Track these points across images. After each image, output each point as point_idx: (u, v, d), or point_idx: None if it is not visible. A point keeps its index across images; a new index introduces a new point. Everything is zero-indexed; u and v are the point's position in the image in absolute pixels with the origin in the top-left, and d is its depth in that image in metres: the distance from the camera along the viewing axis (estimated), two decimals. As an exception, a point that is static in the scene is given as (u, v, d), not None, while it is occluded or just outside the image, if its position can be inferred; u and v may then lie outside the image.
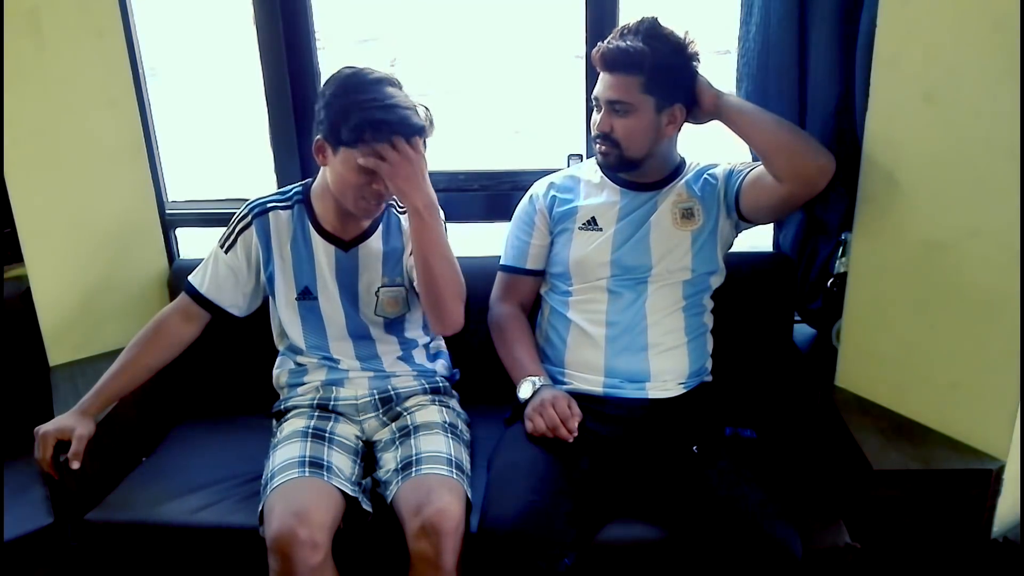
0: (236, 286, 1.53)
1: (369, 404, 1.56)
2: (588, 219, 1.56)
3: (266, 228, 1.50)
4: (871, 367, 1.54)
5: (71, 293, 1.79)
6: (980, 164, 1.29)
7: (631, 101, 1.43)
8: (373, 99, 1.32)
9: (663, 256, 1.53)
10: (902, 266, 1.44)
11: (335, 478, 1.36)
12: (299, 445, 1.42)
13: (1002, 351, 1.31)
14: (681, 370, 1.54)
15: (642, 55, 1.40)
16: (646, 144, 1.49)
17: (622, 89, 1.43)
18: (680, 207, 1.54)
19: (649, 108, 1.44)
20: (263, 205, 1.52)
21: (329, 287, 1.52)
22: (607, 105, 1.46)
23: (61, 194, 1.74)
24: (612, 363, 1.52)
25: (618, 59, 1.42)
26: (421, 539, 1.28)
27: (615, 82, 1.44)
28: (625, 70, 1.42)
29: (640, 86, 1.42)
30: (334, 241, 1.51)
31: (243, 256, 1.51)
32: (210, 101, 3.96)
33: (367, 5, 3.67)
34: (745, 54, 1.70)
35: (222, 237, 1.53)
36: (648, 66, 1.41)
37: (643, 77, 1.42)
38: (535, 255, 1.62)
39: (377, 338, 1.57)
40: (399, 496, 1.34)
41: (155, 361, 1.52)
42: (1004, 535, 1.40)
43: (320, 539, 1.26)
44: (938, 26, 1.30)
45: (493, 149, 3.68)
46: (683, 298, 1.55)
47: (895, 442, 1.41)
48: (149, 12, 1.90)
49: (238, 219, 1.52)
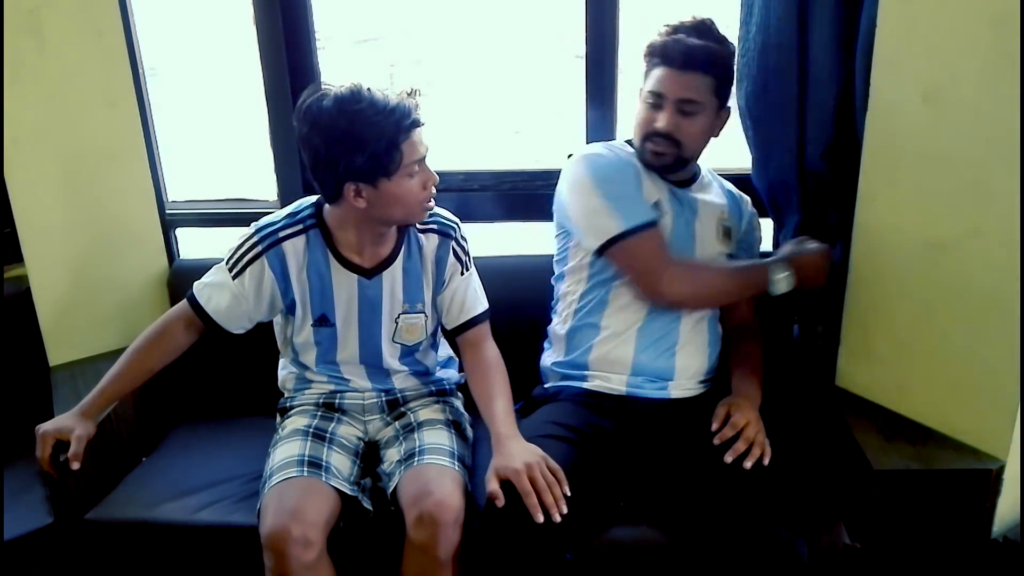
0: (242, 313, 1.46)
1: (375, 405, 1.56)
2: (654, 201, 1.50)
3: (282, 260, 1.41)
4: (871, 367, 1.54)
5: (71, 293, 1.79)
6: (980, 164, 1.29)
7: (703, 101, 1.43)
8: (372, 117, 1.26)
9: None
10: (902, 266, 1.44)
11: (333, 478, 1.36)
12: (299, 444, 1.42)
13: (1002, 351, 1.31)
14: (701, 368, 1.55)
15: (720, 56, 1.43)
16: (703, 145, 1.50)
17: (698, 89, 1.42)
18: (723, 224, 1.56)
19: (713, 109, 1.45)
20: (275, 235, 1.41)
21: (349, 315, 1.47)
22: (676, 104, 1.43)
23: (61, 194, 1.74)
24: (640, 358, 1.50)
25: (697, 57, 1.40)
26: (419, 528, 1.28)
27: (690, 81, 1.41)
28: (703, 69, 1.41)
29: (712, 87, 1.43)
30: (356, 270, 1.44)
31: (252, 287, 1.42)
32: (210, 101, 3.96)
33: (367, 5, 3.67)
34: (745, 54, 1.70)
35: (230, 260, 1.43)
36: (722, 68, 1.44)
37: (716, 79, 1.43)
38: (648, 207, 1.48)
39: (390, 366, 1.54)
40: (400, 486, 1.35)
41: (156, 364, 1.50)
42: (1004, 535, 1.40)
43: (314, 537, 1.26)
44: (938, 26, 1.30)
45: (493, 149, 3.68)
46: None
47: (895, 442, 1.41)
48: (149, 12, 1.90)
49: (247, 246, 1.41)
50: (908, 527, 1.39)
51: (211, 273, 1.47)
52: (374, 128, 1.26)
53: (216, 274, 1.46)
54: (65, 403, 1.53)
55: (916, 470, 1.35)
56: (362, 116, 1.25)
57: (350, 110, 1.25)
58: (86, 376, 1.70)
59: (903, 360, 1.48)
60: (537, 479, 1.24)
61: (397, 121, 1.27)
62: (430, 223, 1.48)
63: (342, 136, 1.26)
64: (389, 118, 1.26)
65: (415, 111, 1.30)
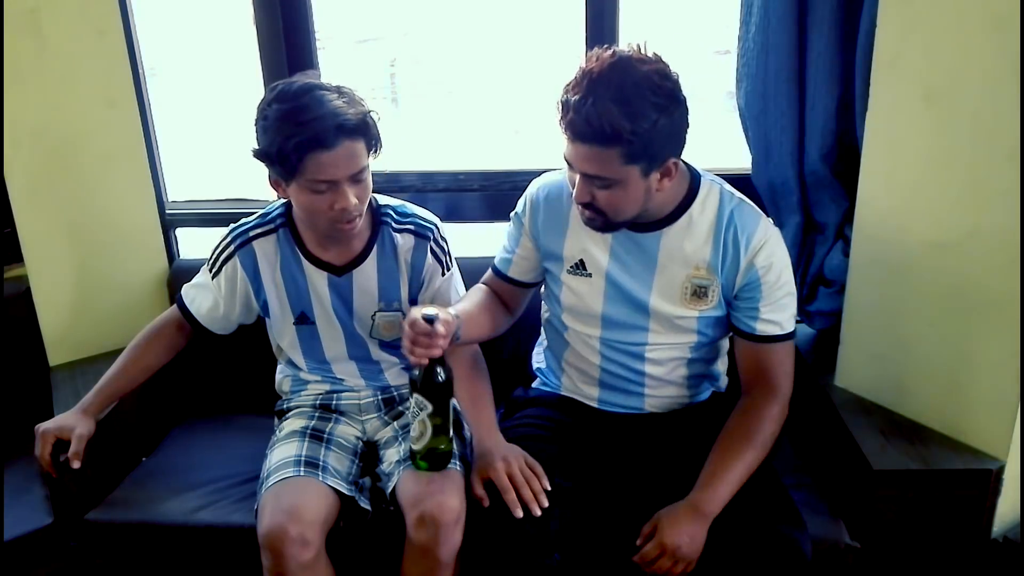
0: (222, 314, 1.51)
1: (372, 404, 1.56)
2: (576, 262, 1.36)
3: (252, 259, 1.45)
4: (871, 367, 1.54)
5: (71, 293, 1.79)
6: (980, 164, 1.29)
7: (611, 176, 1.18)
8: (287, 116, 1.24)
9: (660, 328, 1.36)
10: (902, 266, 1.44)
11: (330, 477, 1.36)
12: (296, 444, 1.42)
13: (1002, 351, 1.31)
14: (680, 399, 1.46)
15: (617, 127, 1.12)
16: (638, 207, 1.24)
17: (598, 163, 1.17)
18: (693, 282, 1.31)
19: (636, 176, 1.18)
20: (244, 235, 1.45)
21: (327, 312, 1.48)
22: (583, 175, 1.20)
23: (61, 194, 1.74)
24: (604, 396, 1.46)
25: (586, 133, 1.14)
26: (420, 529, 1.28)
27: (588, 154, 1.17)
28: (601, 143, 1.14)
29: (621, 158, 1.15)
30: (326, 268, 1.45)
31: (227, 287, 1.47)
32: (210, 101, 3.96)
33: (367, 5, 3.67)
34: (745, 54, 1.70)
35: (209, 260, 1.49)
36: (627, 137, 1.13)
37: (623, 148, 1.14)
38: (520, 267, 1.45)
39: (378, 358, 1.55)
40: (400, 486, 1.35)
41: (154, 362, 1.52)
42: (1004, 535, 1.40)
43: (311, 536, 1.26)
44: (938, 26, 1.30)
45: (493, 149, 3.67)
46: (689, 351, 1.40)
47: (895, 442, 1.41)
48: (149, 12, 1.90)
49: (221, 247, 1.46)
50: (908, 527, 1.39)
51: (198, 275, 1.53)
52: (282, 128, 1.24)
53: (201, 275, 1.52)
54: (65, 403, 1.53)
55: (916, 470, 1.35)
56: (281, 112, 1.24)
57: (280, 101, 1.25)
58: (86, 376, 1.70)
59: (903, 360, 1.48)
60: (515, 475, 1.25)
61: (312, 135, 1.23)
62: (406, 223, 1.47)
63: (261, 119, 1.27)
64: (302, 127, 1.23)
65: (347, 135, 1.25)
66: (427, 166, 1.94)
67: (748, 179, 1.80)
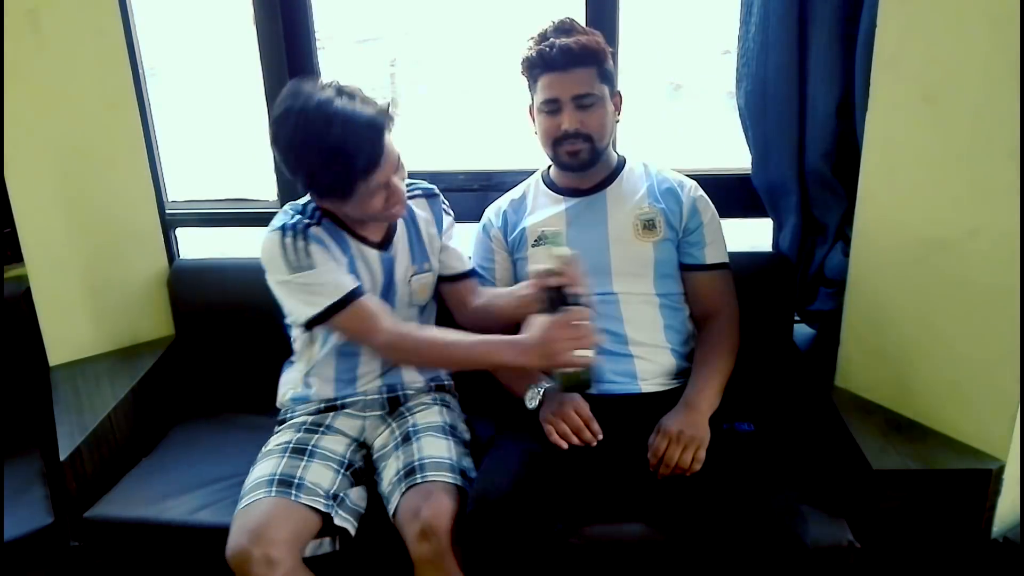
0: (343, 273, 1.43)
1: (376, 402, 1.56)
2: (537, 236, 1.56)
3: (320, 241, 1.41)
4: (871, 367, 1.54)
5: (71, 293, 1.79)
6: (980, 164, 1.29)
7: (596, 92, 1.47)
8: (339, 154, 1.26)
9: (624, 270, 1.53)
10: (902, 266, 1.44)
11: (305, 495, 1.36)
12: (274, 462, 1.42)
13: (1002, 351, 1.31)
14: (668, 368, 1.52)
15: (594, 46, 1.46)
16: (611, 133, 1.54)
17: (587, 81, 1.46)
18: (642, 219, 1.55)
19: (606, 96, 1.49)
20: (295, 228, 1.39)
21: (374, 289, 1.49)
22: (573, 102, 1.47)
23: (61, 194, 1.74)
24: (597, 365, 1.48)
25: (575, 53, 1.45)
26: (422, 542, 1.28)
27: (577, 77, 1.46)
28: (584, 63, 1.46)
29: (598, 76, 1.47)
30: (373, 245, 1.49)
31: (323, 256, 1.40)
32: (210, 101, 3.96)
33: (367, 5, 3.67)
34: (745, 54, 1.70)
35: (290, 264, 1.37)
36: (600, 55, 1.47)
37: (598, 67, 1.47)
38: (502, 279, 1.63)
39: None
40: (401, 506, 1.34)
41: None
42: (1004, 535, 1.40)
43: (276, 555, 1.27)
44: (938, 26, 1.30)
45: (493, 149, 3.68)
46: (656, 296, 1.54)
47: (895, 442, 1.41)
48: (149, 12, 1.90)
49: (288, 240, 1.37)
50: (908, 527, 1.39)
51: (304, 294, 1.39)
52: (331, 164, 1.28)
53: (304, 280, 1.38)
54: (65, 403, 1.53)
55: (916, 470, 1.35)
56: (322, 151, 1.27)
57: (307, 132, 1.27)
58: (86, 376, 1.70)
59: (903, 360, 1.48)
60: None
61: (365, 163, 1.29)
62: (413, 190, 1.55)
63: (292, 148, 1.30)
64: (352, 158, 1.27)
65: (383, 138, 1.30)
66: (427, 166, 1.94)
67: (748, 179, 1.80)
